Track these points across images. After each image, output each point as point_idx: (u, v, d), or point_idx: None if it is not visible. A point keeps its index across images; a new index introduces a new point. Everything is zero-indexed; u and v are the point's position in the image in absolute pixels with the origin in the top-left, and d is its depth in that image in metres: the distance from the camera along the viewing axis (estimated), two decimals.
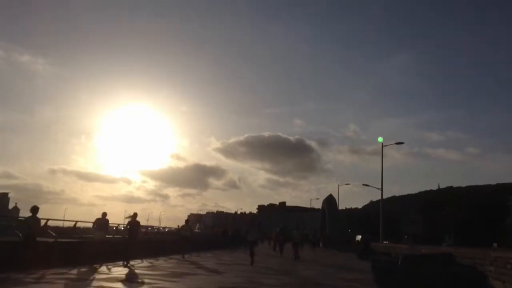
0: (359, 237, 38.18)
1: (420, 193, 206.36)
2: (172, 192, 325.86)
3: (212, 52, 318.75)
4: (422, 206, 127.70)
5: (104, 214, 15.84)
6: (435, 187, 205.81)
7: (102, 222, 15.66)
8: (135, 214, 17.41)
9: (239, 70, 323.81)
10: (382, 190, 36.74)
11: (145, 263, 17.16)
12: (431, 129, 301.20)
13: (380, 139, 36.07)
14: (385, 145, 37.33)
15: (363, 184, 45.15)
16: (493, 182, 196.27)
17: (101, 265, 14.58)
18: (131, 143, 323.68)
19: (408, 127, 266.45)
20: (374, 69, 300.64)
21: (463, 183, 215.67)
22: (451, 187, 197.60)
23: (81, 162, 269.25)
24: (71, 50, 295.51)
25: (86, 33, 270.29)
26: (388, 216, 60.34)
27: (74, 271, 12.58)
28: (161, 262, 18.11)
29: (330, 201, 60.25)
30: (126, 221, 18.54)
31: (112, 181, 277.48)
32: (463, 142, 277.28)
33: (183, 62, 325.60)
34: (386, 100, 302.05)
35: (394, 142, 36.75)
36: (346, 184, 74.22)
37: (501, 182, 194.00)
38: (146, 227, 27.42)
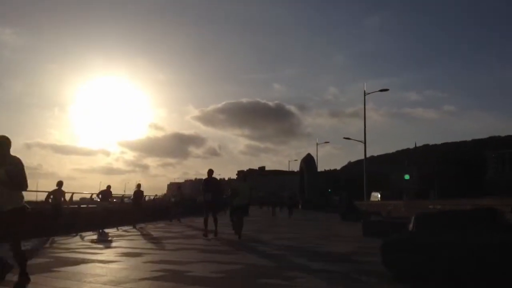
0: (377, 195, 34.45)
1: (397, 151, 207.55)
2: (152, 162, 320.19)
3: (188, 19, 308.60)
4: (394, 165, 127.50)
5: (109, 187, 18.00)
6: (412, 146, 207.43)
7: (106, 193, 17.67)
8: (139, 185, 20.20)
9: (216, 37, 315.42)
10: (365, 142, 33.29)
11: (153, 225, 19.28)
12: (410, 89, 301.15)
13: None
14: (368, 93, 33.70)
15: (344, 138, 41.97)
16: (469, 138, 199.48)
17: (117, 228, 16.56)
18: (108, 114, 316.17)
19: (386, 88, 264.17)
20: (350, 32, 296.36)
21: (440, 141, 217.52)
22: (427, 145, 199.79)
23: (57, 135, 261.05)
24: (39, 19, 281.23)
25: (55, 1, 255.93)
26: (368, 176, 57.65)
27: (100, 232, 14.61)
28: (163, 225, 19.70)
29: (308, 160, 56.69)
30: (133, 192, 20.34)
31: (90, 153, 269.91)
32: (440, 100, 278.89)
33: (159, 30, 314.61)
34: (364, 63, 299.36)
35: (379, 90, 33.10)
36: (325, 142, 71.23)
37: (476, 138, 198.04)
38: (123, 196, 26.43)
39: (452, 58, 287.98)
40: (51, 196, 13.72)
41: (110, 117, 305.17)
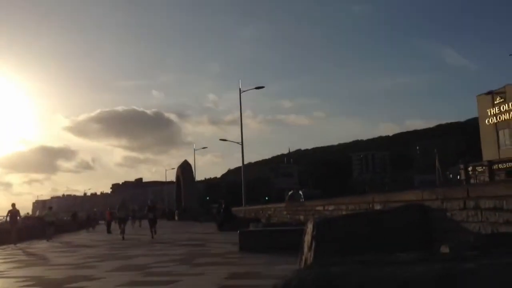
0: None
1: (273, 157, 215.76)
2: (16, 178, 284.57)
3: (58, 23, 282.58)
4: (274, 167, 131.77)
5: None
6: (286, 151, 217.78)
7: None
8: (14, 204, 20.28)
9: (90, 43, 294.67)
10: (242, 143, 31.55)
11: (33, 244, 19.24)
12: (284, 96, 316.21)
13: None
14: (244, 91, 32.10)
15: (221, 139, 40.05)
16: (335, 142, 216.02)
17: None
18: None
19: (262, 96, 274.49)
20: (228, 40, 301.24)
21: (310, 145, 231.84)
22: (299, 150, 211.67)
23: None
24: None
25: None
26: (248, 182, 56.78)
27: None
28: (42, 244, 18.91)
29: (184, 167, 53.47)
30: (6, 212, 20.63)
31: None
32: (311, 107, 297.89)
33: (25, 33, 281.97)
34: (240, 71, 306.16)
35: (254, 87, 31.79)
36: (203, 148, 68.91)
37: (342, 142, 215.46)
38: None
39: (322, 68, 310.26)
40: None
41: None
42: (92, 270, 8.29)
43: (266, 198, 75.16)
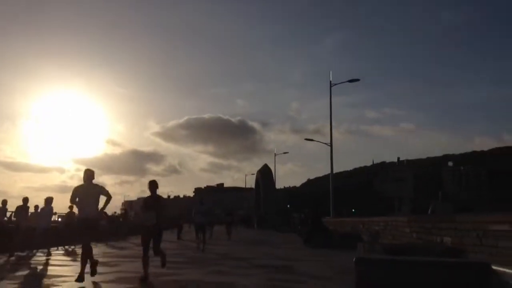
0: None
1: (355, 169, 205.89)
2: (108, 180, 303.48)
3: (149, 31, 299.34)
4: (358, 182, 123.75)
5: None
6: (369, 163, 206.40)
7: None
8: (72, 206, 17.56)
9: (178, 51, 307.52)
10: (331, 144, 26.89)
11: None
12: (368, 107, 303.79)
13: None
14: (334, 84, 27.38)
15: (306, 139, 35.96)
16: (423, 156, 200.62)
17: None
18: (63, 129, 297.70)
19: (345, 106, 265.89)
20: (312, 48, 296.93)
21: (396, 158, 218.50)
22: (383, 162, 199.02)
23: (7, 151, 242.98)
24: None
25: (8, 4, 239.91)
26: (324, 193, 51.74)
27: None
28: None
29: (264, 171, 49.68)
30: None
31: (43, 170, 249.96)
32: (398, 118, 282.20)
33: (118, 41, 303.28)
34: (324, 79, 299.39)
35: (348, 80, 26.95)
36: (284, 153, 65.22)
37: (431, 156, 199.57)
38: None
39: (409, 78, 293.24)
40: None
41: (66, 132, 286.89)
42: None
43: (353, 210, 69.27)
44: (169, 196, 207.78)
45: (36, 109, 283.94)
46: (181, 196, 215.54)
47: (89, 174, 7.42)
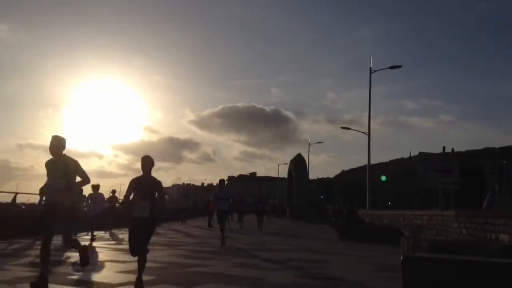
0: None
1: (391, 161, 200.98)
2: None
3: (186, 21, 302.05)
4: (394, 174, 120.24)
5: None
6: (406, 155, 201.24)
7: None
8: (114, 191, 20.20)
9: (214, 40, 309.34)
10: (369, 133, 25.69)
11: None
12: (406, 97, 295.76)
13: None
14: (374, 71, 26.09)
15: (342, 127, 34.87)
16: (463, 149, 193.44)
17: None
18: (102, 116, 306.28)
19: (384, 96, 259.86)
20: (348, 39, 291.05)
21: (434, 150, 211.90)
22: (421, 153, 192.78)
23: (49, 136, 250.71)
24: (35, 15, 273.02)
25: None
26: (359, 184, 50.18)
27: None
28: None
29: (297, 161, 48.76)
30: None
31: (82, 156, 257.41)
32: (437, 109, 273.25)
33: (155, 31, 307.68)
34: (362, 69, 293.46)
35: (389, 67, 25.58)
36: (319, 142, 63.91)
37: (471, 149, 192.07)
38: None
39: (448, 68, 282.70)
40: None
41: (104, 119, 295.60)
42: None
43: (389, 203, 67.36)
44: (203, 184, 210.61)
45: (77, 97, 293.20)
46: (214, 184, 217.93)
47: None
